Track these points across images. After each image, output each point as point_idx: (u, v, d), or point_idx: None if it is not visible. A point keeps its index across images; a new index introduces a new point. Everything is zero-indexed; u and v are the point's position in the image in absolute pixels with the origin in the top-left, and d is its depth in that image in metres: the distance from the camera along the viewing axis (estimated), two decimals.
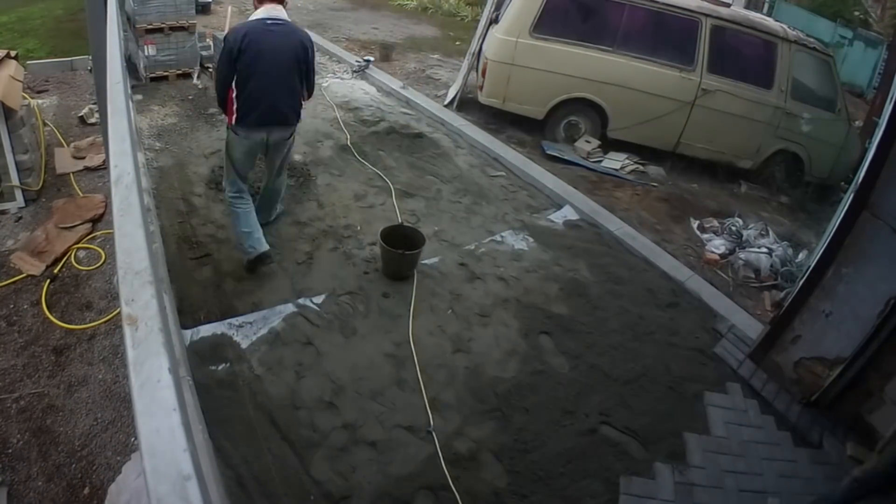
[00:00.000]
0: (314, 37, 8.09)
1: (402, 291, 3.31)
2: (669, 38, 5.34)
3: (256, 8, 3.00)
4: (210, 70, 6.19)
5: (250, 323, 2.93)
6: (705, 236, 4.52)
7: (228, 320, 2.93)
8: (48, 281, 3.37)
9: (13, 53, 4.53)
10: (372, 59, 7.21)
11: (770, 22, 5.69)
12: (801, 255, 4.23)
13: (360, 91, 6.51)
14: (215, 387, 2.53)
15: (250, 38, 2.86)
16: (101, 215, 3.98)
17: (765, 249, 4.21)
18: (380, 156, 4.94)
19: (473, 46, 6.13)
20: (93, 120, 5.12)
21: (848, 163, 5.57)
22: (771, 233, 4.46)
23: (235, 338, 2.82)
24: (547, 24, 5.30)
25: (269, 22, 2.93)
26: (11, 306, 3.22)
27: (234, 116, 2.99)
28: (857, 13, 13.34)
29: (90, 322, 3.15)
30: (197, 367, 2.58)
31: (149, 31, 5.55)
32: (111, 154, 1.17)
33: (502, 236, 4.00)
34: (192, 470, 0.59)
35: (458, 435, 2.51)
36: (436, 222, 4.07)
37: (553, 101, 5.52)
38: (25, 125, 4.16)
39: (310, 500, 2.14)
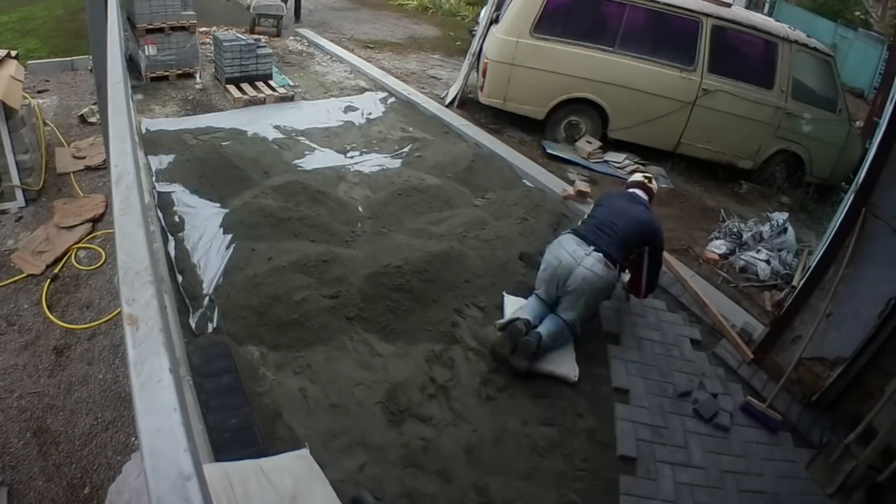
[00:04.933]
0: (313, 36, 8.14)
1: None
2: (670, 38, 5.34)
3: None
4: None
5: None
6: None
7: None
8: (49, 280, 3.38)
9: (14, 53, 4.54)
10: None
11: (771, 22, 5.69)
12: (801, 257, 4.23)
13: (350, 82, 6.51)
14: None
15: None
16: (102, 215, 3.98)
17: (763, 254, 4.21)
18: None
19: (474, 46, 6.13)
20: (93, 119, 5.12)
21: (848, 163, 5.56)
22: (790, 229, 4.39)
23: None
24: (547, 24, 5.30)
25: None
26: (12, 306, 3.22)
27: None
28: (857, 13, 13.33)
29: (90, 322, 3.15)
30: None
31: (149, 31, 5.54)
32: (112, 154, 1.17)
33: None
34: (192, 470, 0.59)
35: None
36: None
37: (553, 101, 5.52)
38: (26, 125, 4.16)
39: None
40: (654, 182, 3.45)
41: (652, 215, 3.20)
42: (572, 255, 2.87)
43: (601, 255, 2.85)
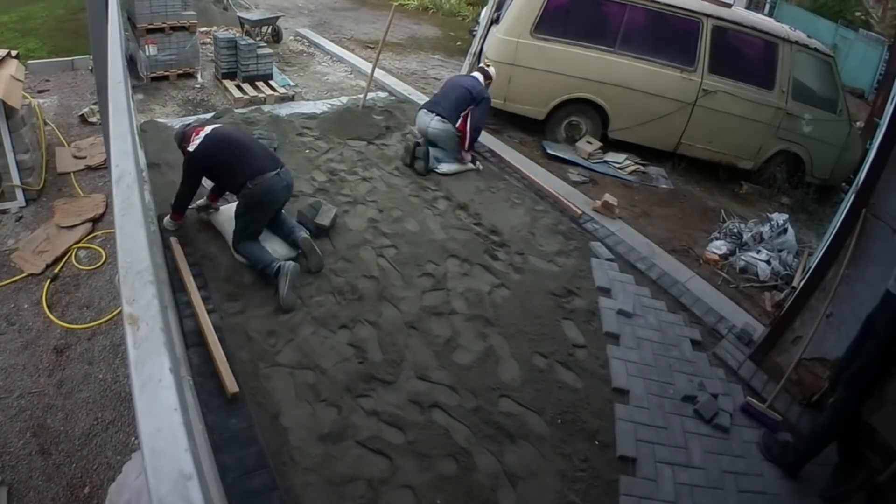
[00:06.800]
0: (314, 36, 8.15)
1: None
2: (670, 38, 5.34)
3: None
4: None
5: None
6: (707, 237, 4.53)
7: None
8: (49, 280, 3.38)
9: (14, 53, 4.54)
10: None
11: (771, 22, 5.69)
12: (801, 257, 4.24)
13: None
14: None
15: None
16: (102, 215, 3.98)
17: (764, 254, 4.21)
18: None
19: (474, 47, 6.13)
20: (94, 119, 5.13)
21: (849, 164, 5.56)
22: (790, 230, 4.39)
23: None
24: (548, 24, 5.30)
25: None
26: (12, 305, 3.22)
27: None
28: (858, 14, 13.32)
29: (90, 321, 3.16)
30: None
31: (150, 31, 5.55)
32: (112, 153, 1.17)
33: None
34: (193, 470, 0.59)
35: None
36: None
37: (554, 101, 5.52)
38: (26, 125, 4.17)
39: None
40: (492, 69, 4.89)
41: (481, 86, 4.68)
42: (423, 121, 4.67)
43: (437, 117, 4.55)
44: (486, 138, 5.45)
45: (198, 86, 5.95)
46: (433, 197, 4.29)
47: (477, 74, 4.81)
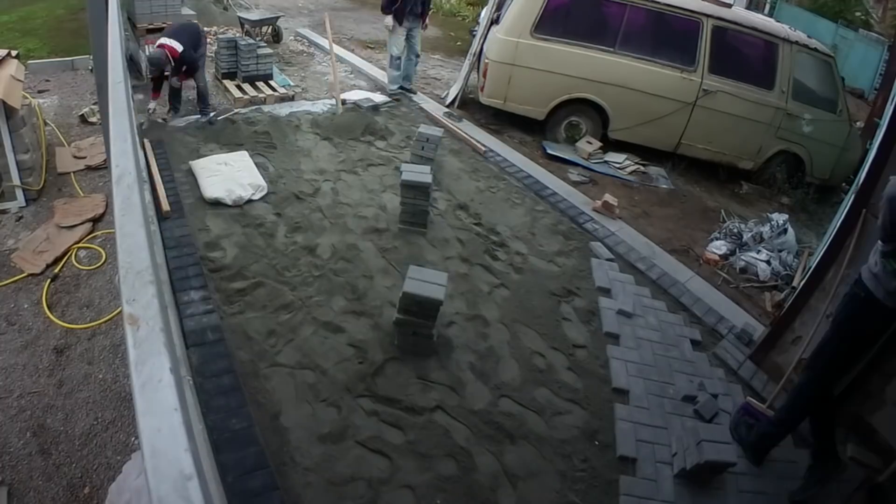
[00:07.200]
0: (314, 36, 8.14)
1: None
2: (671, 38, 5.34)
3: None
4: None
5: None
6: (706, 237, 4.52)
7: None
8: (49, 280, 3.38)
9: (14, 53, 4.54)
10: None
11: (771, 23, 5.69)
12: (801, 257, 4.23)
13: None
14: None
15: None
16: (102, 215, 3.98)
17: (764, 254, 4.21)
18: None
19: (474, 47, 6.13)
20: (94, 119, 5.13)
21: (849, 164, 5.56)
22: (790, 230, 4.39)
23: None
24: (548, 24, 5.31)
25: None
26: (12, 305, 3.22)
27: None
28: (858, 14, 13.32)
29: (90, 321, 3.16)
30: None
31: (150, 31, 5.55)
32: (112, 153, 1.17)
33: None
34: (193, 470, 0.59)
35: None
36: None
37: (554, 101, 5.52)
38: (26, 125, 4.17)
39: None
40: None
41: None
42: None
43: None
44: (486, 139, 5.47)
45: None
46: (433, 197, 4.29)
47: None
